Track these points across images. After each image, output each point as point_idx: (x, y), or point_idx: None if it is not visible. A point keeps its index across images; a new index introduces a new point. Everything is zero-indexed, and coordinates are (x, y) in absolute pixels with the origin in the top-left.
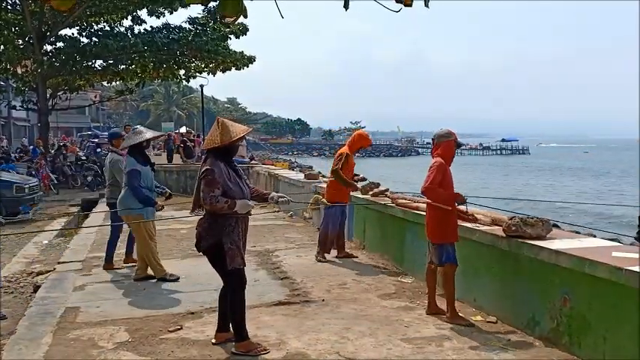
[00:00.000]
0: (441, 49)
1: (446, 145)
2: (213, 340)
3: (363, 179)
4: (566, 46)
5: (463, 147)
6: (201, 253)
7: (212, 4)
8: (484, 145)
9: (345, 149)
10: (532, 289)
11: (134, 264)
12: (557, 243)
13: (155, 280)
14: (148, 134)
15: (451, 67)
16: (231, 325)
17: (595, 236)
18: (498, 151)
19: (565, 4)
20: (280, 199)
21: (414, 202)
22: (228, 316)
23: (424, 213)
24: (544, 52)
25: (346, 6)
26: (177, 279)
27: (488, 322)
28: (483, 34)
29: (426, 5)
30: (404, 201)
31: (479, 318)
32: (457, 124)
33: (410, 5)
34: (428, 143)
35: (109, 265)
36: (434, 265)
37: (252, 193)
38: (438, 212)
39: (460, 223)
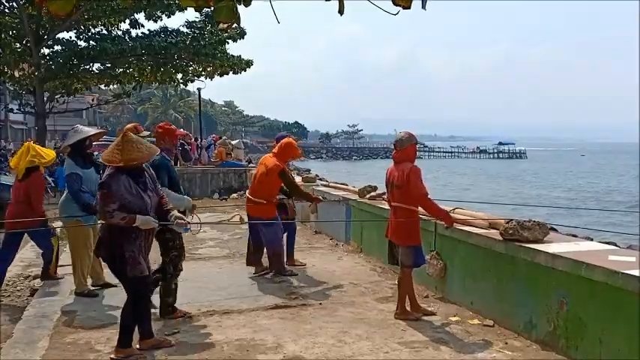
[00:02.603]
0: (438, 51)
1: (411, 149)
2: (137, 346)
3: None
4: (567, 45)
5: (461, 150)
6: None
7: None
8: (481, 148)
9: (276, 161)
10: (529, 292)
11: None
12: (554, 246)
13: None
14: (91, 132)
15: (449, 68)
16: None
17: (592, 239)
18: (495, 155)
19: (567, 4)
20: (178, 221)
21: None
22: (145, 322)
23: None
24: (544, 52)
25: (341, 11)
26: (96, 295)
27: (485, 325)
28: (481, 35)
29: (423, 7)
30: None
31: (476, 321)
32: (457, 127)
33: (408, 7)
34: (425, 146)
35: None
36: (406, 268)
37: (162, 204)
38: (410, 216)
39: (457, 226)
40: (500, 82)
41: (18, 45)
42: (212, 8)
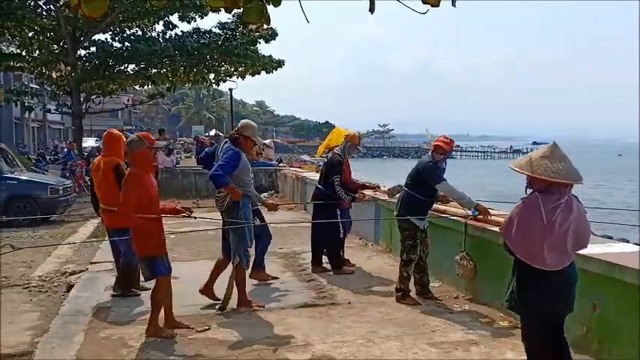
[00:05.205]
0: (471, 51)
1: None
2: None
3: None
4: (601, 45)
5: (493, 150)
6: None
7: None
8: (514, 147)
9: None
10: None
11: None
12: (586, 248)
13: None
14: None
15: (482, 69)
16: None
17: (628, 241)
18: None
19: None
20: None
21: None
22: None
23: (453, 217)
24: (576, 52)
25: (372, 9)
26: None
27: (516, 327)
28: (513, 34)
29: (453, 4)
30: None
31: (506, 323)
32: (490, 128)
33: (437, 5)
34: (457, 146)
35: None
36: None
37: None
38: (142, 222)
39: (487, 227)
40: (534, 82)
41: (55, 47)
42: (242, 9)
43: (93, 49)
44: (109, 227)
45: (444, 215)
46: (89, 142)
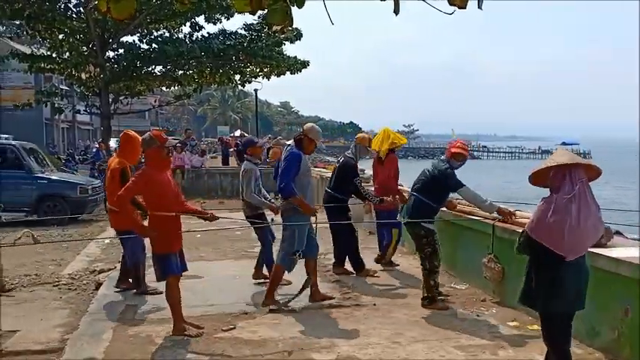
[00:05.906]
0: (494, 50)
1: None
2: None
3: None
4: (622, 45)
5: (521, 150)
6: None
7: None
8: (543, 148)
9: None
10: (591, 298)
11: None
12: (618, 251)
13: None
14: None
15: (506, 68)
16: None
17: None
18: None
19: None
20: None
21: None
22: None
23: (477, 218)
24: (601, 52)
25: (396, 11)
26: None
27: None
28: (538, 34)
29: (479, 7)
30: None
31: (535, 327)
32: (518, 128)
33: (464, 7)
34: (484, 147)
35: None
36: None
37: None
38: (162, 218)
39: (515, 229)
40: (561, 83)
41: (85, 49)
42: (266, 11)
43: (121, 50)
44: (114, 228)
45: (472, 217)
46: (110, 143)
